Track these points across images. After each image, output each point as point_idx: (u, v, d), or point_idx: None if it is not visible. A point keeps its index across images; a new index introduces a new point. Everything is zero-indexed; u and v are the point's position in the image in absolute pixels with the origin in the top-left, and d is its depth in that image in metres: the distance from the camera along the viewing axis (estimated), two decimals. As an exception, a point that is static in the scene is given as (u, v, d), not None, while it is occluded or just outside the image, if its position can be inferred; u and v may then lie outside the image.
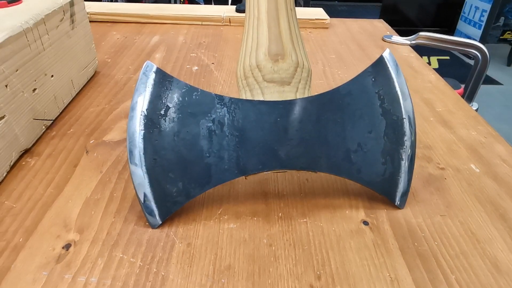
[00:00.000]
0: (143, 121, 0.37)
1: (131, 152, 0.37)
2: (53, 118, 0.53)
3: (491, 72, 2.98)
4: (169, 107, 0.38)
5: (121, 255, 0.35)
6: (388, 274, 0.34)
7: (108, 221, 0.38)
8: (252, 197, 0.42)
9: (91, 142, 0.50)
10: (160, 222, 0.38)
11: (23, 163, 0.46)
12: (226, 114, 0.39)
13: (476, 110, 0.87)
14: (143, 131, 0.37)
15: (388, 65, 0.41)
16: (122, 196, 0.41)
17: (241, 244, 0.37)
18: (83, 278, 0.33)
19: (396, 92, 0.41)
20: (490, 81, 2.87)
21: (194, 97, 0.39)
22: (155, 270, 0.34)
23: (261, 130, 0.39)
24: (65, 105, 0.56)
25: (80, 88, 0.61)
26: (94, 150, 0.48)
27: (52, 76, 0.52)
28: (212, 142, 0.38)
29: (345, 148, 0.40)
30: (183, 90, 0.39)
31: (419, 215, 0.40)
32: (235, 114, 0.39)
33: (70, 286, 0.32)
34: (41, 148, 0.48)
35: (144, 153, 0.37)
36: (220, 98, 0.39)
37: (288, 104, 0.39)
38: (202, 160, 0.38)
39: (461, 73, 2.87)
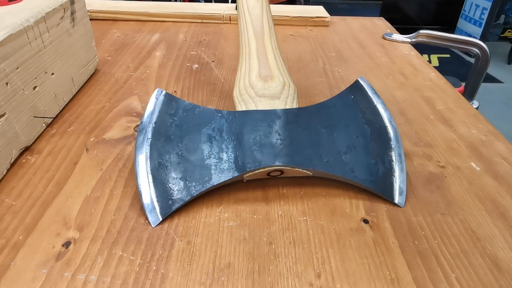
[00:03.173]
0: (151, 132, 0.42)
1: (137, 156, 0.41)
2: (54, 116, 0.53)
3: (491, 70, 2.98)
4: (175, 120, 0.44)
5: (120, 253, 0.35)
6: (388, 273, 0.34)
7: (108, 219, 0.38)
8: (252, 195, 0.42)
9: (91, 140, 0.50)
10: (161, 219, 0.38)
11: (23, 160, 0.46)
12: (225, 123, 0.44)
13: (477, 108, 0.87)
14: (150, 139, 0.42)
15: (364, 87, 0.48)
16: (122, 194, 0.41)
17: (241, 242, 0.37)
18: (83, 275, 0.33)
19: (375, 106, 0.46)
20: (490, 79, 2.87)
21: (196, 112, 0.45)
22: (154, 268, 0.34)
23: (257, 132, 0.42)
24: (65, 103, 0.56)
25: (80, 86, 0.61)
26: (94, 148, 0.48)
27: (53, 74, 0.52)
28: (212, 146, 0.42)
29: (336, 150, 0.43)
30: (187, 107, 0.45)
31: (419, 213, 0.40)
32: (233, 122, 0.44)
33: (70, 284, 0.32)
34: (42, 145, 0.48)
35: (150, 157, 0.41)
36: (219, 111, 0.45)
37: (279, 112, 0.44)
38: (203, 161, 0.41)
39: (462, 71, 2.87)
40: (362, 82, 0.48)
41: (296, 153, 0.41)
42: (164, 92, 0.45)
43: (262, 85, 0.47)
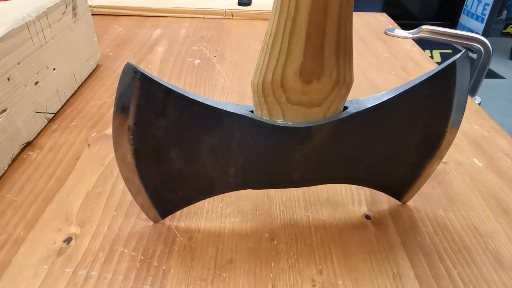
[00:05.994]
0: (131, 136, 0.31)
1: (121, 163, 0.33)
2: (55, 111, 0.53)
3: (493, 66, 2.96)
4: (163, 124, 0.31)
5: (122, 249, 0.35)
6: (390, 269, 0.34)
7: (109, 215, 0.38)
8: (254, 191, 0.42)
9: (92, 135, 0.50)
10: (161, 220, 0.38)
11: (25, 156, 0.45)
12: (235, 131, 0.32)
13: (479, 104, 0.86)
14: (133, 146, 0.31)
15: (457, 76, 0.32)
16: (123, 190, 0.41)
17: (243, 238, 0.37)
18: (84, 271, 0.33)
19: (451, 105, 0.33)
20: (493, 75, 2.86)
21: (194, 111, 0.31)
22: (156, 264, 0.34)
23: (276, 154, 0.33)
24: (67, 98, 0.56)
25: (82, 81, 0.61)
26: (96, 143, 0.48)
27: (54, 69, 0.51)
28: (216, 159, 0.33)
29: (367, 162, 0.35)
30: (180, 103, 0.30)
31: (422, 210, 0.40)
32: (246, 134, 0.32)
33: (71, 279, 0.32)
34: (43, 141, 0.48)
35: (137, 168, 0.32)
36: (228, 114, 0.31)
37: (312, 130, 0.32)
38: (205, 173, 0.34)
39: (464, 67, 2.86)
40: (460, 69, 0.32)
41: (317, 176, 0.36)
42: (138, 74, 0.28)
43: (301, 87, 0.29)
